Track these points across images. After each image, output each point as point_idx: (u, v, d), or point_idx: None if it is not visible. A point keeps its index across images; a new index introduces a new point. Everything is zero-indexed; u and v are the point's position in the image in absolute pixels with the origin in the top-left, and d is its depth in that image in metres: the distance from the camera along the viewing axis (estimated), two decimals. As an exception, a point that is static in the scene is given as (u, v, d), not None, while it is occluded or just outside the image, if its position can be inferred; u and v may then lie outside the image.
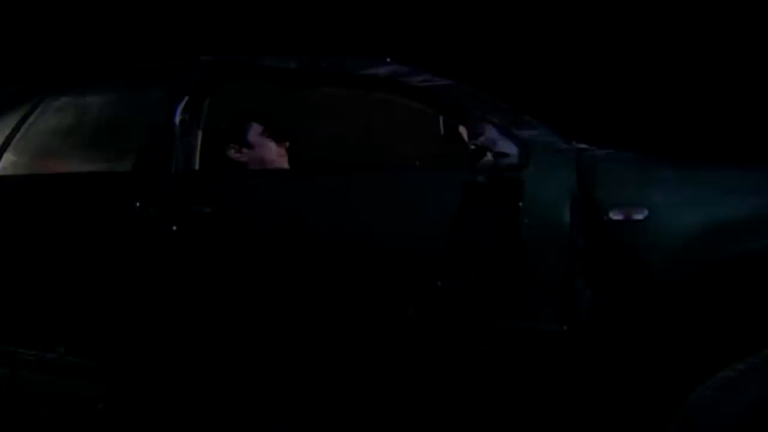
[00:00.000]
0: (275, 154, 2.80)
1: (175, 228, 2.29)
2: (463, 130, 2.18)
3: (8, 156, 2.88)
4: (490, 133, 2.08)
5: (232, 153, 2.78)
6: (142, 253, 2.35)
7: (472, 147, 2.05)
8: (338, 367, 2.09)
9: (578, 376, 1.79)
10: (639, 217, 1.82)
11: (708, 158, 2.02)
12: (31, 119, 2.93)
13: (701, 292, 1.74)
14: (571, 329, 1.80)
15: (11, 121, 2.97)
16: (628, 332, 1.77)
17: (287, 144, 2.84)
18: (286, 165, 2.82)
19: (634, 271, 1.79)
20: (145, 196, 2.38)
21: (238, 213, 2.28)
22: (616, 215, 1.84)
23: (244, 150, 2.79)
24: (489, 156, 2.01)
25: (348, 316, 2.07)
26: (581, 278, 1.82)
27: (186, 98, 2.57)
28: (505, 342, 1.86)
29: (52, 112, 2.94)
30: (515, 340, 1.86)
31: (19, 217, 2.70)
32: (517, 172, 1.97)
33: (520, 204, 1.91)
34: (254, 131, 2.82)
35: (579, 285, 1.82)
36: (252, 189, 2.36)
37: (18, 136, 2.90)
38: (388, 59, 2.49)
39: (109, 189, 2.53)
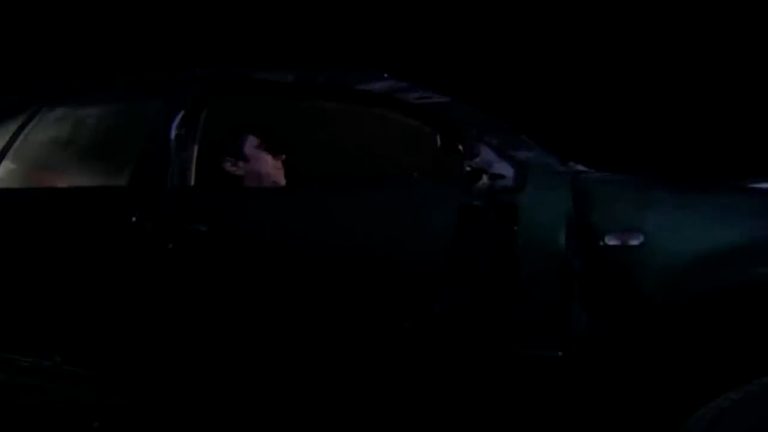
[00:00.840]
0: (271, 167, 2.80)
1: (171, 246, 2.28)
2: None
3: (6, 166, 2.87)
4: (487, 154, 2.08)
5: (227, 166, 2.78)
6: (139, 268, 2.34)
7: (468, 168, 2.04)
8: (333, 385, 2.09)
9: (574, 402, 1.80)
10: (635, 242, 1.82)
11: (705, 182, 2.02)
12: (28, 129, 2.91)
13: (696, 320, 1.75)
14: (566, 355, 1.80)
15: (9, 131, 2.95)
16: (624, 358, 1.77)
17: (283, 156, 2.84)
18: (282, 178, 2.82)
19: (629, 298, 1.79)
20: (141, 212, 2.37)
21: (232, 232, 2.28)
22: (611, 240, 1.84)
23: (240, 163, 2.78)
24: (485, 178, 2.00)
25: (342, 336, 2.07)
26: (577, 303, 1.82)
27: (182, 112, 2.56)
28: (499, 366, 1.87)
29: (49, 123, 2.93)
30: (510, 364, 1.86)
31: (18, 229, 2.69)
32: (513, 195, 1.97)
33: (516, 228, 1.91)
34: (250, 144, 2.81)
35: (575, 310, 1.82)
36: (245, 207, 2.36)
37: (15, 146, 2.88)
38: (386, 74, 2.49)
39: (107, 203, 2.52)
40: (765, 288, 1.71)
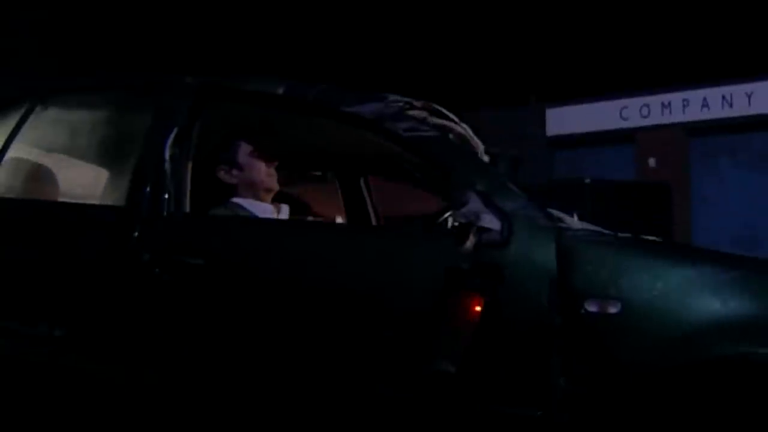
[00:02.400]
0: (264, 175, 2.85)
1: (167, 278, 2.37)
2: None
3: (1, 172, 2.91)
4: (474, 204, 2.12)
5: (222, 174, 2.83)
6: (136, 295, 2.43)
7: (457, 223, 2.10)
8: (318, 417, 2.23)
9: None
10: (613, 310, 1.91)
11: (688, 249, 2.08)
12: (22, 131, 2.94)
13: (668, 389, 1.86)
14: (545, 414, 1.92)
15: (2, 133, 2.98)
16: (601, 420, 1.89)
17: (276, 163, 2.88)
18: (275, 184, 2.87)
19: (606, 364, 1.89)
20: (139, 242, 2.44)
21: (227, 267, 2.35)
22: (591, 307, 1.93)
23: (234, 171, 2.83)
24: (472, 234, 2.06)
25: (325, 375, 2.18)
26: (557, 365, 1.93)
27: (176, 130, 2.58)
28: (481, 423, 1.99)
29: (42, 126, 2.96)
30: (491, 422, 1.98)
31: (13, 241, 2.77)
32: (499, 250, 2.04)
33: (500, 287, 1.99)
34: (243, 151, 2.85)
35: (554, 371, 1.93)
36: (239, 243, 2.42)
37: (10, 150, 2.92)
38: (390, 96, 2.50)
39: (105, 225, 2.58)
40: (735, 364, 1.81)
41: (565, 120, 31.31)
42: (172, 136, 2.57)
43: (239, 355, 2.29)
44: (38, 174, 2.96)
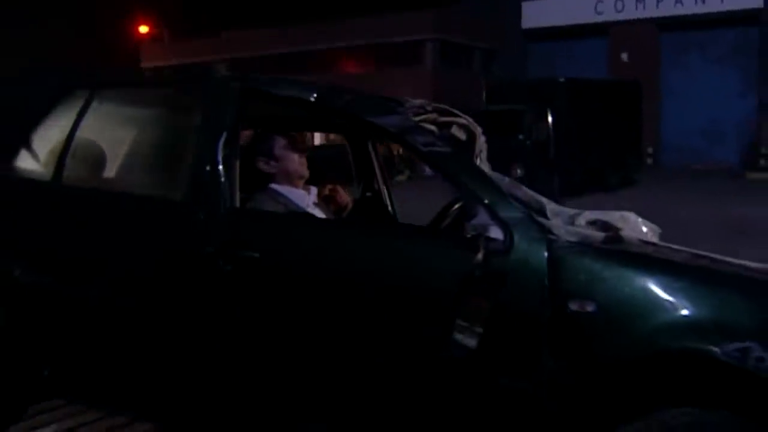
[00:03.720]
0: (297, 164, 3.33)
1: (229, 268, 2.89)
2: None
3: (69, 162, 3.36)
4: (482, 216, 2.66)
5: (261, 165, 3.31)
6: (202, 282, 2.96)
7: (469, 235, 2.64)
8: (357, 385, 2.81)
9: (534, 417, 2.54)
10: (590, 309, 2.48)
11: (649, 258, 2.63)
12: (83, 124, 3.37)
13: (627, 374, 2.45)
14: (534, 388, 2.52)
15: (64, 124, 3.40)
16: (578, 394, 2.49)
17: (306, 153, 3.37)
18: (306, 171, 3.36)
19: (584, 353, 2.48)
20: (202, 236, 2.95)
21: (277, 259, 2.88)
22: (573, 306, 2.50)
23: (272, 162, 3.31)
24: (482, 243, 2.60)
25: (361, 357, 2.76)
26: (546, 351, 2.51)
27: (225, 134, 3.05)
28: (486, 391, 2.59)
29: (100, 120, 3.38)
30: (494, 391, 2.58)
31: (81, 228, 3.25)
32: (502, 257, 2.58)
33: (503, 289, 2.56)
34: (279, 145, 3.33)
35: (544, 356, 2.52)
36: (289, 238, 2.93)
37: (74, 142, 3.36)
38: (407, 102, 2.99)
39: (168, 219, 3.07)
40: (689, 355, 2.39)
41: (541, 13, 31.36)
42: (223, 138, 3.03)
43: (289, 338, 2.85)
44: (102, 162, 3.41)
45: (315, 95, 3.06)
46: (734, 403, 2.37)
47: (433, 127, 3.14)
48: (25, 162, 3.48)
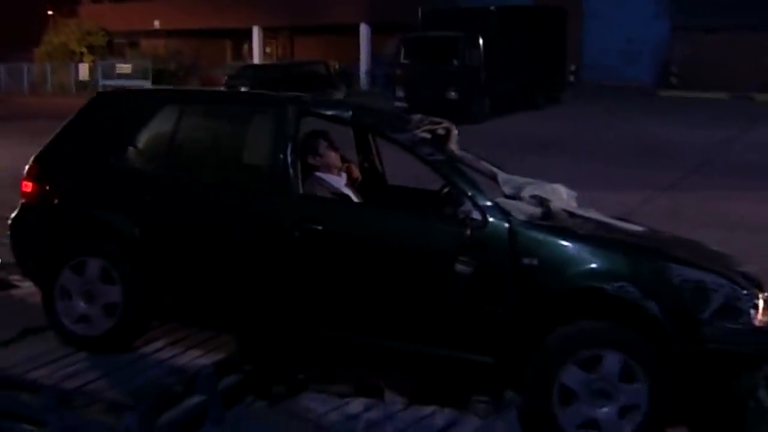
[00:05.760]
0: (334, 159, 4.85)
1: (298, 235, 4.42)
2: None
3: (174, 159, 4.80)
4: (467, 205, 4.25)
5: (309, 159, 4.80)
6: (280, 249, 4.48)
7: (461, 216, 4.22)
8: (387, 313, 4.41)
9: (503, 328, 4.20)
10: (534, 263, 4.12)
11: (571, 231, 4.25)
12: (179, 131, 4.79)
13: (558, 300, 4.11)
14: (503, 311, 4.17)
15: (165, 130, 4.82)
16: (529, 313, 4.15)
17: (339, 150, 4.88)
18: (340, 164, 4.87)
19: (533, 289, 4.12)
20: (282, 214, 4.46)
21: (333, 230, 4.41)
22: (525, 261, 4.13)
23: (317, 158, 4.81)
24: (468, 221, 4.19)
25: (385, 300, 4.35)
26: (510, 289, 4.15)
27: (291, 143, 4.53)
28: (475, 313, 4.22)
29: (191, 127, 4.81)
30: (480, 312, 4.21)
31: (190, 204, 4.72)
32: (481, 231, 4.19)
33: (482, 251, 4.17)
34: (322, 145, 4.83)
35: (509, 291, 4.15)
36: (343, 215, 4.48)
37: (176, 144, 4.79)
38: (413, 118, 4.52)
39: (258, 203, 4.56)
40: (590, 291, 4.06)
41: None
42: (290, 146, 4.52)
43: (339, 280, 4.41)
44: (197, 160, 4.85)
45: (350, 114, 4.57)
46: (617, 316, 4.07)
47: (428, 135, 4.68)
48: (135, 157, 4.88)
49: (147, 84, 32.28)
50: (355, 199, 4.80)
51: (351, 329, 4.43)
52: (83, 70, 34.21)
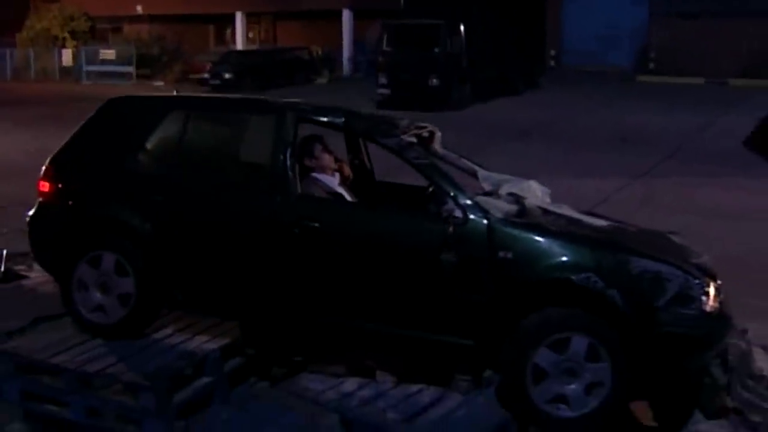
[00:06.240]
0: (329, 161, 5.30)
1: (299, 232, 4.88)
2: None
3: (182, 162, 5.23)
4: (450, 204, 4.71)
5: (306, 161, 5.26)
6: (281, 244, 4.92)
7: (444, 214, 4.69)
8: (379, 301, 4.88)
9: (482, 315, 4.68)
10: (510, 256, 4.60)
11: (544, 227, 4.73)
12: (186, 135, 5.23)
13: (530, 290, 4.60)
14: (482, 299, 4.65)
15: (173, 134, 5.25)
16: (505, 301, 4.63)
17: (334, 153, 5.34)
18: (334, 165, 5.33)
19: (508, 279, 4.60)
20: (281, 211, 4.91)
21: (328, 227, 4.87)
22: (500, 254, 4.61)
23: (313, 160, 5.26)
24: (450, 219, 4.66)
25: (377, 290, 4.82)
26: (488, 279, 4.62)
27: (290, 148, 4.98)
28: (456, 300, 4.70)
29: (197, 132, 5.25)
30: (460, 300, 4.69)
31: (198, 200, 5.16)
32: (462, 227, 4.65)
33: (463, 245, 4.64)
34: (317, 148, 5.28)
35: (488, 282, 4.62)
36: (336, 213, 4.93)
37: (183, 148, 5.22)
38: (401, 123, 4.98)
39: (260, 202, 5.00)
40: (560, 281, 4.55)
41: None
42: (289, 150, 4.96)
43: (334, 271, 4.87)
44: (204, 161, 5.29)
45: (343, 120, 5.02)
46: (583, 304, 4.56)
47: (414, 139, 5.14)
48: (146, 159, 5.31)
49: (131, 69, 32.47)
50: (348, 197, 5.25)
51: (346, 316, 4.89)
52: (66, 56, 34.24)
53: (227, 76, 27.41)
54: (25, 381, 4.96)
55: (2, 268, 6.80)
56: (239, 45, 35.62)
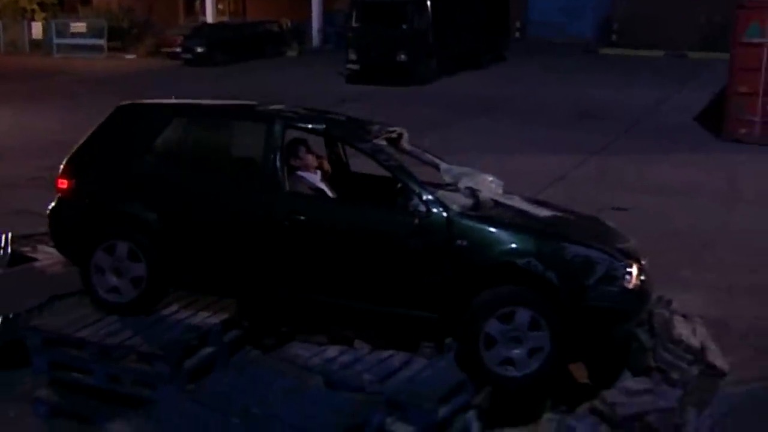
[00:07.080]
0: (312, 161, 6.15)
1: (287, 223, 5.74)
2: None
3: (184, 162, 6.05)
4: (415, 201, 5.56)
5: (292, 161, 6.10)
6: (271, 233, 5.77)
7: (411, 209, 5.56)
8: (356, 282, 5.76)
9: (443, 293, 5.58)
10: (465, 244, 5.51)
11: (496, 219, 5.62)
12: (188, 139, 6.05)
13: (484, 272, 5.52)
14: (443, 280, 5.55)
15: (176, 138, 6.07)
16: (462, 281, 5.55)
17: (316, 155, 6.19)
18: (316, 164, 6.17)
19: (463, 264, 5.48)
20: (273, 206, 5.76)
21: (313, 219, 5.72)
22: (458, 242, 5.51)
23: (298, 160, 6.10)
24: (419, 213, 5.53)
25: (355, 272, 5.70)
26: (448, 264, 5.51)
27: (279, 152, 5.82)
28: (422, 282, 5.59)
29: (197, 136, 6.08)
30: (426, 282, 5.58)
31: (199, 197, 5.99)
32: (425, 219, 5.54)
33: (426, 235, 5.54)
34: (302, 150, 6.12)
35: (448, 266, 5.51)
36: (320, 208, 5.80)
37: (185, 149, 6.04)
38: (373, 128, 5.84)
39: (253, 198, 5.84)
40: (507, 265, 5.47)
41: None
42: (279, 154, 5.81)
43: (319, 256, 5.74)
44: (204, 162, 6.11)
45: (324, 126, 5.89)
46: (526, 283, 5.47)
47: (385, 142, 6.01)
48: (152, 160, 6.12)
49: (102, 42, 32.63)
50: (329, 192, 6.11)
51: (329, 295, 5.77)
52: (36, 29, 34.20)
53: (199, 50, 27.82)
54: (54, 352, 5.79)
55: (9, 250, 7.37)
56: (209, 17, 35.90)
